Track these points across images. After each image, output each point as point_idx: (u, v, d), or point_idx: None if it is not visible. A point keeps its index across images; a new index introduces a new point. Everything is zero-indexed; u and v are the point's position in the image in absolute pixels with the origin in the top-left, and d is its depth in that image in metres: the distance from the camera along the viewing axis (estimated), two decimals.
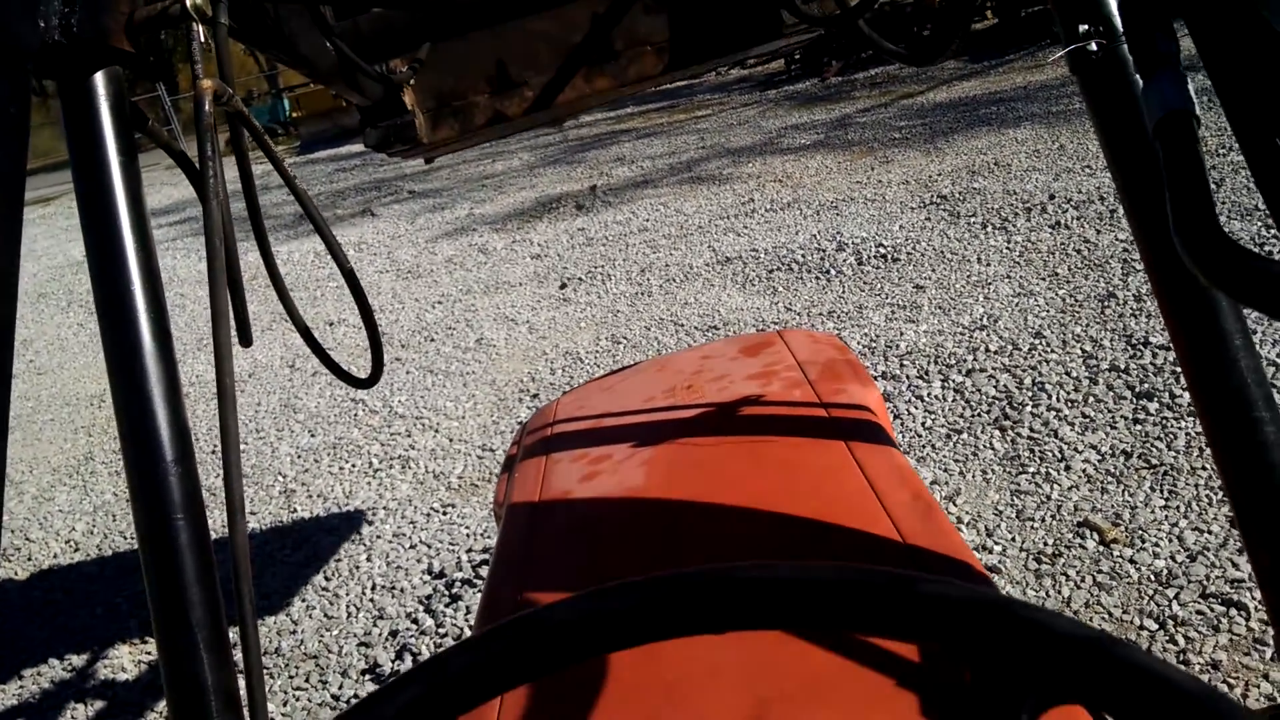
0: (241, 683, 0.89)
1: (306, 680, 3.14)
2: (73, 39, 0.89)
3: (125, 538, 4.55)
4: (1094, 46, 1.01)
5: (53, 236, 15.72)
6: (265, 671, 3.24)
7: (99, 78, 0.92)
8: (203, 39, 1.15)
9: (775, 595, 0.41)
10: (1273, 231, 4.66)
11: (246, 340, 1.35)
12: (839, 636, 0.90)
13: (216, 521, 3.41)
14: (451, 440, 4.78)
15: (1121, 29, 0.97)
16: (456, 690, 0.42)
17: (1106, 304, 4.42)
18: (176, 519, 0.88)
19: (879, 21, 13.08)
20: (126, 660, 3.50)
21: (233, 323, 1.15)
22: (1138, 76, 0.76)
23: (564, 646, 0.42)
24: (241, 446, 5.26)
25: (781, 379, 1.60)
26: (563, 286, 6.71)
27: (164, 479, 0.88)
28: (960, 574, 1.01)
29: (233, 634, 0.91)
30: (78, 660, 3.58)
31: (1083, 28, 1.01)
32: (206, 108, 1.05)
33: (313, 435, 5.23)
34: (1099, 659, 0.37)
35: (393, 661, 3.09)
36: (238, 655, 0.90)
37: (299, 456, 4.99)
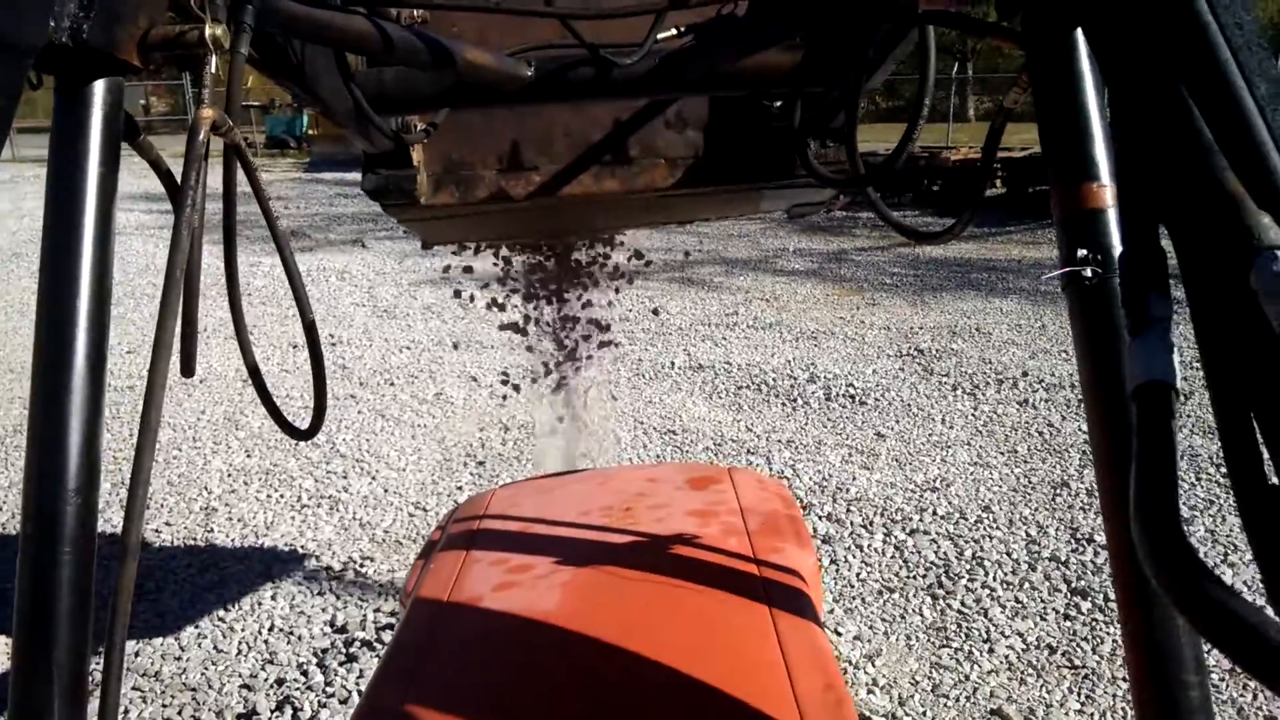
0: None
1: (179, 713, 3.00)
2: (80, 44, 0.87)
3: None
4: (1089, 273, 1.01)
5: (42, 197, 15.55)
6: (139, 694, 3.10)
7: (98, 85, 0.89)
8: (214, 69, 1.14)
9: None
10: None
11: (188, 371, 1.30)
12: None
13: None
14: (386, 490, 4.68)
15: (1117, 273, 0.97)
16: None
17: (1059, 492, 4.44)
18: (64, 551, 0.83)
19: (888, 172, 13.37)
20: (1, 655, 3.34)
21: (176, 352, 1.11)
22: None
23: None
24: (174, 454, 5.14)
25: (721, 522, 1.57)
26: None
27: (62, 506, 0.83)
28: None
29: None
30: None
31: (1081, 252, 1.01)
32: (201, 136, 1.02)
33: (248, 456, 5.11)
34: None
35: (272, 712, 2.97)
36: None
37: (229, 475, 4.87)
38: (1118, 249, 1.01)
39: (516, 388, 4.69)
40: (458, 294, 4.38)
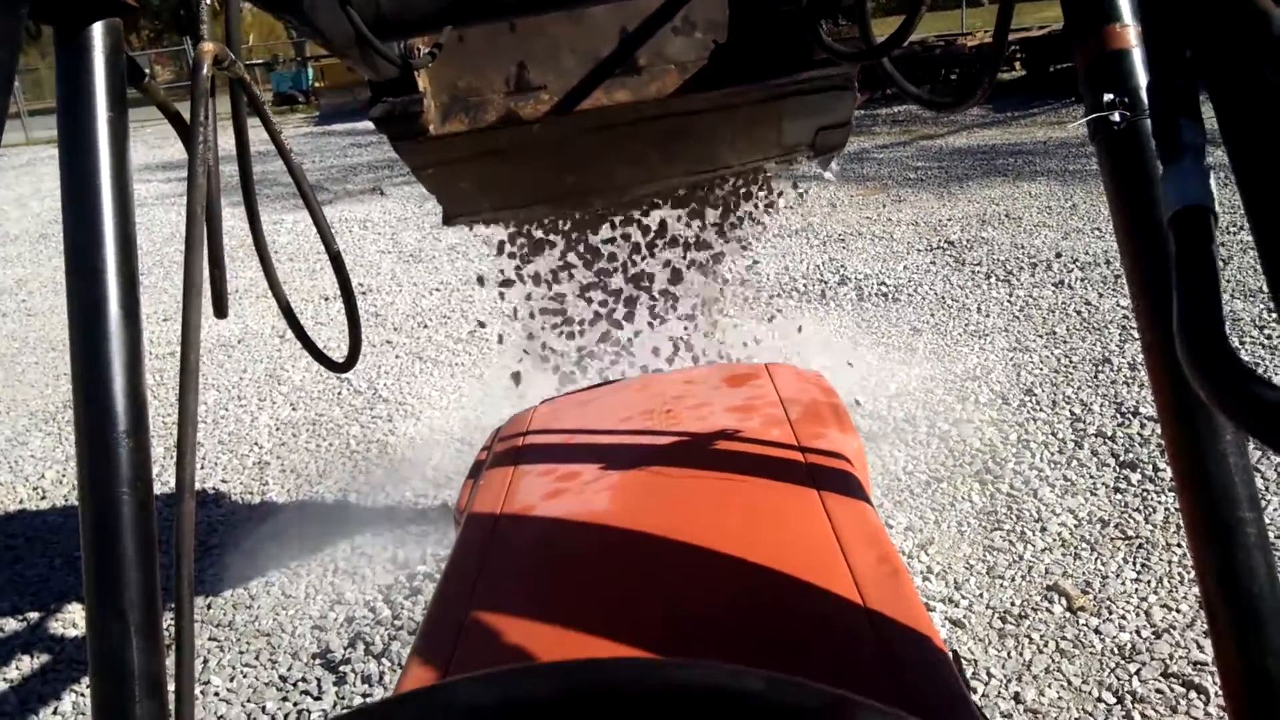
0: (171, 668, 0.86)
1: (256, 658, 3.11)
2: None
3: None
4: (1116, 117, 0.98)
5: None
6: (215, 643, 3.20)
7: (96, 28, 0.89)
8: (210, 1, 1.12)
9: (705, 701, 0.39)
10: (1274, 316, 4.65)
11: (221, 312, 1.31)
12: None
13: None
14: (432, 429, 4.75)
15: (1147, 108, 0.94)
16: None
17: (1100, 369, 4.41)
18: (122, 493, 0.84)
19: (906, 62, 13.12)
20: (78, 616, 3.46)
21: (208, 293, 1.13)
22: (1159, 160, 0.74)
23: None
24: (222, 414, 5.23)
25: (762, 415, 1.58)
26: None
27: (114, 450, 0.84)
28: (918, 647, 0.98)
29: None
30: (30, 610, 3.54)
31: (1108, 97, 0.98)
32: (205, 70, 1.02)
33: (294, 409, 5.19)
34: None
35: (345, 648, 3.06)
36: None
37: (277, 429, 4.96)
38: (1145, 91, 0.98)
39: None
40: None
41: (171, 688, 0.85)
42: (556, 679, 0.41)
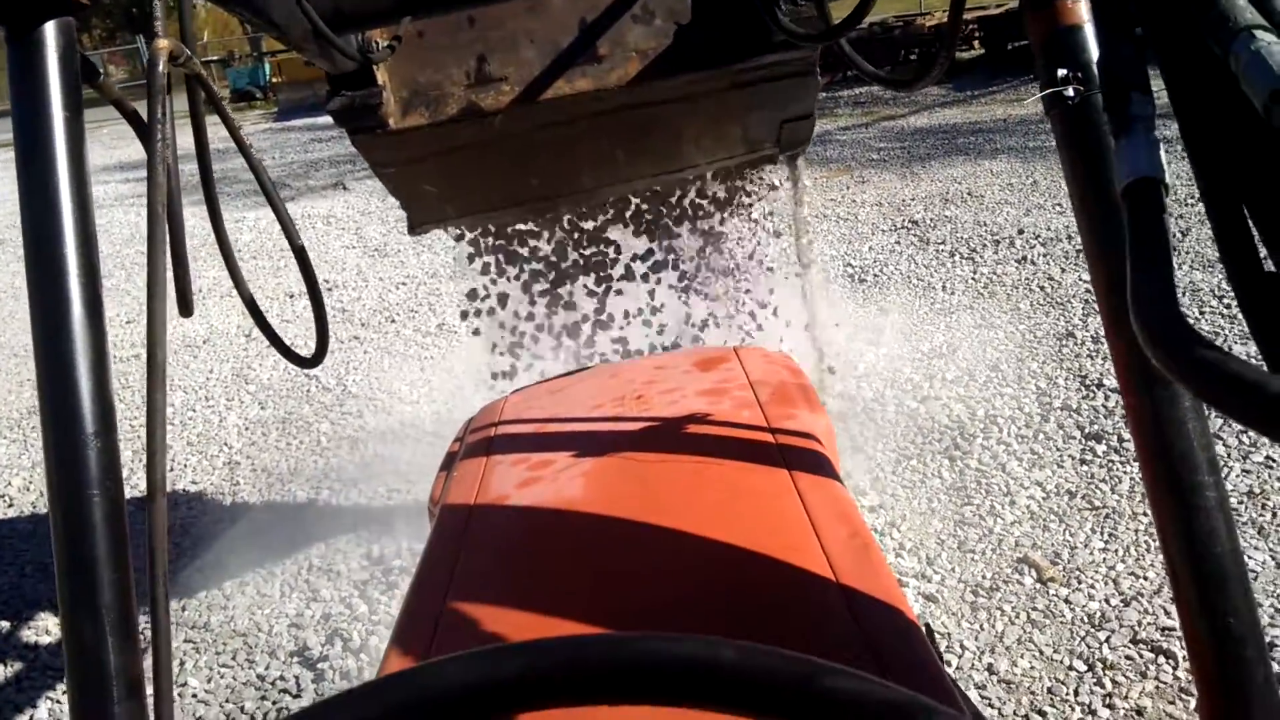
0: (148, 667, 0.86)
1: (233, 658, 3.09)
2: None
3: None
4: (1070, 92, 1.00)
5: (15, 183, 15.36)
6: (192, 645, 3.19)
7: (48, 28, 0.88)
8: None
9: (683, 674, 0.40)
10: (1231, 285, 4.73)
11: (186, 310, 1.30)
12: None
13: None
14: (403, 424, 4.73)
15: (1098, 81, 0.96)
16: None
17: (1065, 343, 4.47)
18: (91, 494, 0.84)
19: (866, 43, 13.17)
20: (51, 624, 3.42)
21: (172, 292, 1.12)
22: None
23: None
24: (190, 415, 5.18)
25: (732, 398, 1.59)
26: None
27: (82, 450, 0.84)
28: (891, 620, 1.00)
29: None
30: (0, 619, 3.50)
31: (1061, 72, 1.00)
32: (160, 67, 1.01)
33: (263, 408, 5.15)
34: None
35: (323, 645, 3.05)
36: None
37: (247, 428, 4.92)
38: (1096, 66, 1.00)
39: None
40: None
41: (149, 689, 0.85)
42: (533, 656, 0.41)
